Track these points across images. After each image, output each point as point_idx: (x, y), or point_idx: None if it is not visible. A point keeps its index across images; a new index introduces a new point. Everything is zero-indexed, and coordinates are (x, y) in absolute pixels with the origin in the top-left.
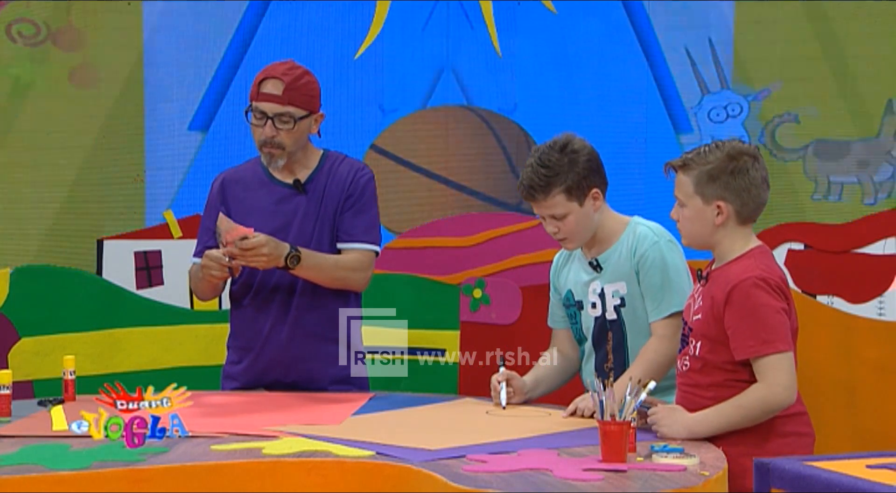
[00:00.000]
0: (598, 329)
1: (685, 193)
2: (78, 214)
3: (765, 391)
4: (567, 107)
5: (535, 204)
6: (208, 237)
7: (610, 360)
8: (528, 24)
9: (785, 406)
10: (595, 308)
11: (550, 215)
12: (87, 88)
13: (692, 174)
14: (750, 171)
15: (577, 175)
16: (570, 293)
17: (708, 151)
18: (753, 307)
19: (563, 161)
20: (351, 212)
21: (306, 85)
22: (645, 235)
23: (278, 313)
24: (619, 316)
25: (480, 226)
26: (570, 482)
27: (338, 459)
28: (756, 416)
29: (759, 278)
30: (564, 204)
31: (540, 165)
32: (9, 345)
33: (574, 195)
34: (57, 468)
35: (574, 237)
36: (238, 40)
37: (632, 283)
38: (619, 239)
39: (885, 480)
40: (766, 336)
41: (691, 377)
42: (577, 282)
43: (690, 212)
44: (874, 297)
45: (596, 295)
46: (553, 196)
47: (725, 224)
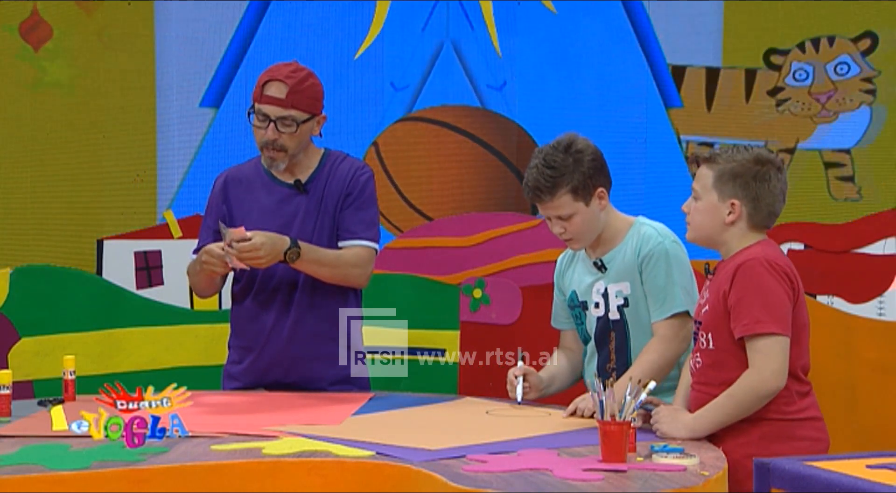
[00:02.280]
0: (600, 329)
1: (703, 185)
2: (78, 214)
3: (754, 378)
4: (567, 107)
5: (542, 205)
6: (209, 236)
7: (612, 360)
8: (528, 24)
9: (774, 392)
10: (598, 308)
11: (557, 216)
12: (89, 87)
13: (716, 168)
14: (772, 179)
15: (583, 175)
16: (574, 294)
17: (737, 150)
18: (754, 286)
19: (569, 161)
20: (351, 209)
21: (310, 88)
22: (650, 236)
23: (279, 313)
24: (623, 316)
25: (480, 226)
26: (570, 482)
27: (338, 459)
28: (749, 405)
29: (766, 260)
30: (571, 204)
31: (545, 166)
32: (9, 345)
33: (580, 195)
34: (57, 468)
35: (580, 237)
36: (238, 40)
37: (635, 283)
38: (623, 239)
39: (885, 480)
40: (761, 315)
41: (705, 374)
42: (582, 283)
43: (704, 205)
44: (874, 297)
45: (599, 295)
46: (559, 197)
47: (735, 225)
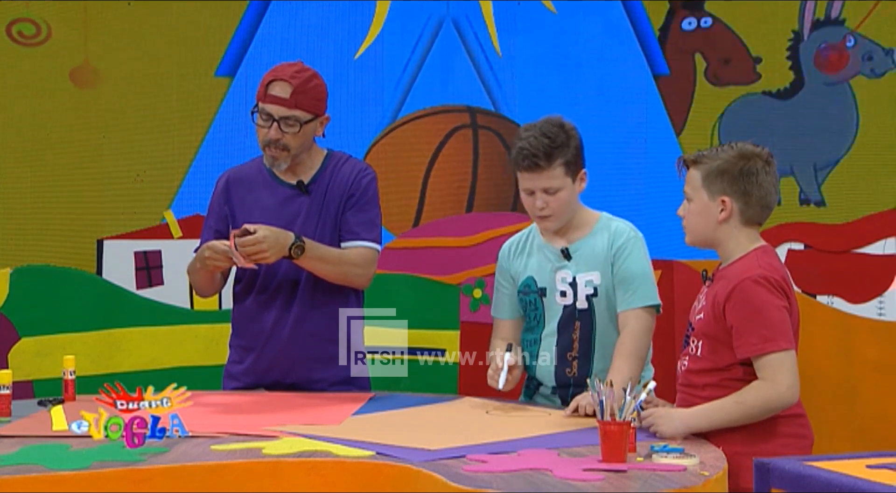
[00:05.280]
0: (565, 317)
1: (693, 187)
2: (78, 214)
3: (768, 390)
4: (567, 107)
5: (535, 174)
6: (210, 236)
7: (575, 349)
8: (528, 24)
9: (787, 406)
10: (565, 297)
11: (544, 189)
12: (88, 87)
13: (702, 168)
14: (759, 173)
15: (575, 150)
16: (531, 280)
17: (721, 149)
18: (755, 306)
19: (563, 135)
20: (353, 211)
21: (314, 89)
22: (622, 230)
23: (280, 312)
24: (591, 306)
25: (480, 226)
26: (570, 482)
27: (338, 459)
28: (756, 414)
29: (761, 277)
30: (562, 177)
31: (543, 135)
32: (9, 345)
33: (570, 170)
34: (57, 468)
35: (558, 215)
36: (238, 40)
37: (605, 274)
38: (591, 231)
39: (885, 480)
40: (769, 334)
41: (687, 378)
42: (541, 269)
43: (696, 207)
44: (874, 297)
45: (566, 284)
46: (555, 167)
47: (729, 222)
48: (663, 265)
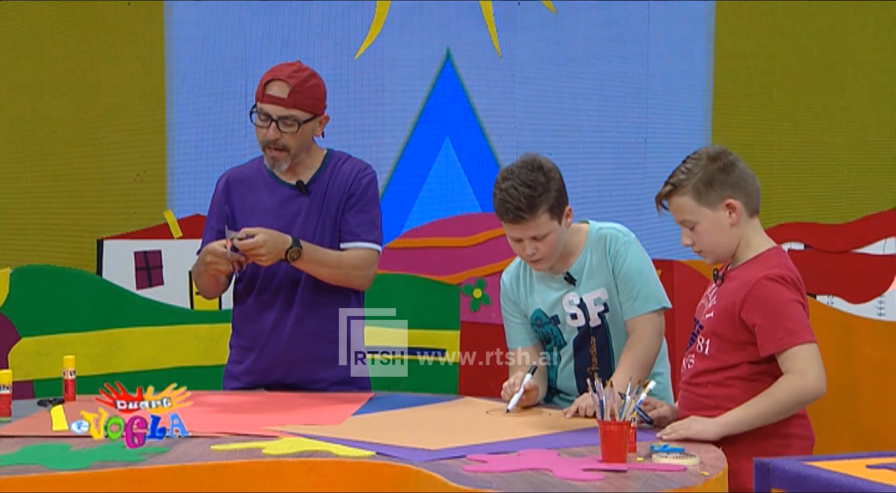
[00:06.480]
0: (580, 337)
1: (690, 211)
2: (78, 214)
3: (797, 380)
4: (567, 107)
5: (519, 226)
6: (212, 237)
7: (594, 363)
8: (528, 24)
9: (817, 396)
10: (577, 319)
11: (532, 237)
12: (88, 87)
13: (688, 191)
14: (736, 164)
15: (557, 193)
16: (540, 313)
17: (687, 166)
18: (776, 302)
19: (542, 180)
20: (353, 211)
21: (312, 88)
22: (615, 236)
23: (281, 312)
24: (604, 322)
25: (480, 226)
26: (570, 482)
27: (338, 459)
28: (789, 407)
29: (777, 275)
30: (548, 223)
31: (524, 185)
32: (9, 345)
33: (555, 214)
34: (57, 468)
35: (549, 257)
36: (238, 40)
37: (610, 287)
38: (583, 248)
39: (885, 480)
40: (793, 327)
41: (695, 376)
42: (546, 300)
43: (705, 225)
44: (874, 297)
45: (574, 307)
46: (539, 215)
47: (738, 222)
48: (663, 265)
